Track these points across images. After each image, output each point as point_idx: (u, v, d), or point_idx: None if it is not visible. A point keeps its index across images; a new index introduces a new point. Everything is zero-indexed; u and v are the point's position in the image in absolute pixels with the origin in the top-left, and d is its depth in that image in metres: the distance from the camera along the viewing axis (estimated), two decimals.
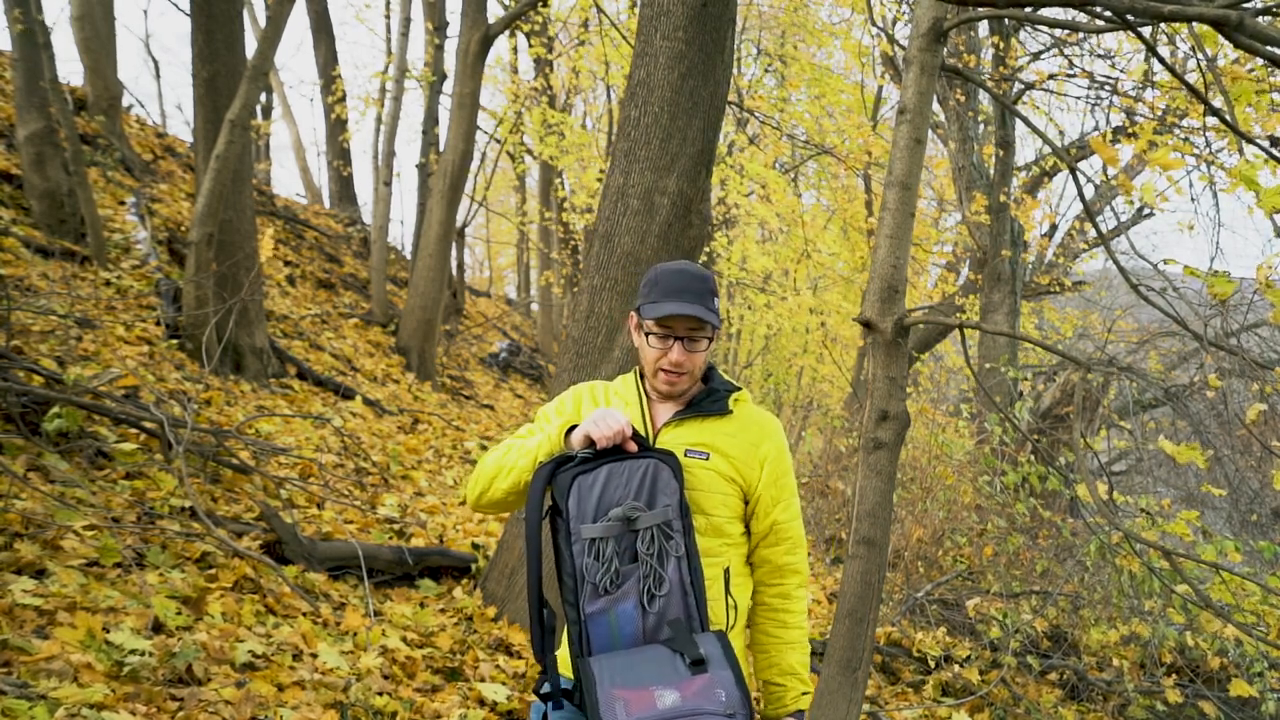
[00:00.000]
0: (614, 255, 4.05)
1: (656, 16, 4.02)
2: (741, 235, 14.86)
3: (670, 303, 1.82)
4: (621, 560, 1.66)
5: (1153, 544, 3.34)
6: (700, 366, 1.89)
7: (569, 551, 1.68)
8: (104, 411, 4.23)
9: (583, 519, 1.67)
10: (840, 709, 3.11)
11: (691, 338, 1.84)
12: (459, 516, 5.79)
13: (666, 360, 1.85)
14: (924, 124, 3.28)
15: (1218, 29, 2.40)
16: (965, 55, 9.22)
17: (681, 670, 1.58)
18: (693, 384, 1.91)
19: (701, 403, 1.89)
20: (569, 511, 1.68)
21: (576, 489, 1.68)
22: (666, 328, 1.84)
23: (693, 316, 1.81)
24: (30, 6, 6.46)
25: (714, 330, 1.87)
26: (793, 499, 1.94)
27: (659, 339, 1.85)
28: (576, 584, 1.67)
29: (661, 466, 1.71)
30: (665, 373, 1.86)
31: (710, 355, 1.95)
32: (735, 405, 1.91)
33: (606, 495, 1.68)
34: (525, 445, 1.84)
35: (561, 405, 1.99)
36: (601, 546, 1.66)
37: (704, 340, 1.86)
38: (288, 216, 12.75)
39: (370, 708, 3.09)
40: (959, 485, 7.27)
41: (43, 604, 2.84)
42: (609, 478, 1.69)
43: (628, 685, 1.55)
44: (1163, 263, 3.91)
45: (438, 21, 11.65)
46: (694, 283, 1.85)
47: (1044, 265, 12.77)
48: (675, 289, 1.84)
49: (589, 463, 1.71)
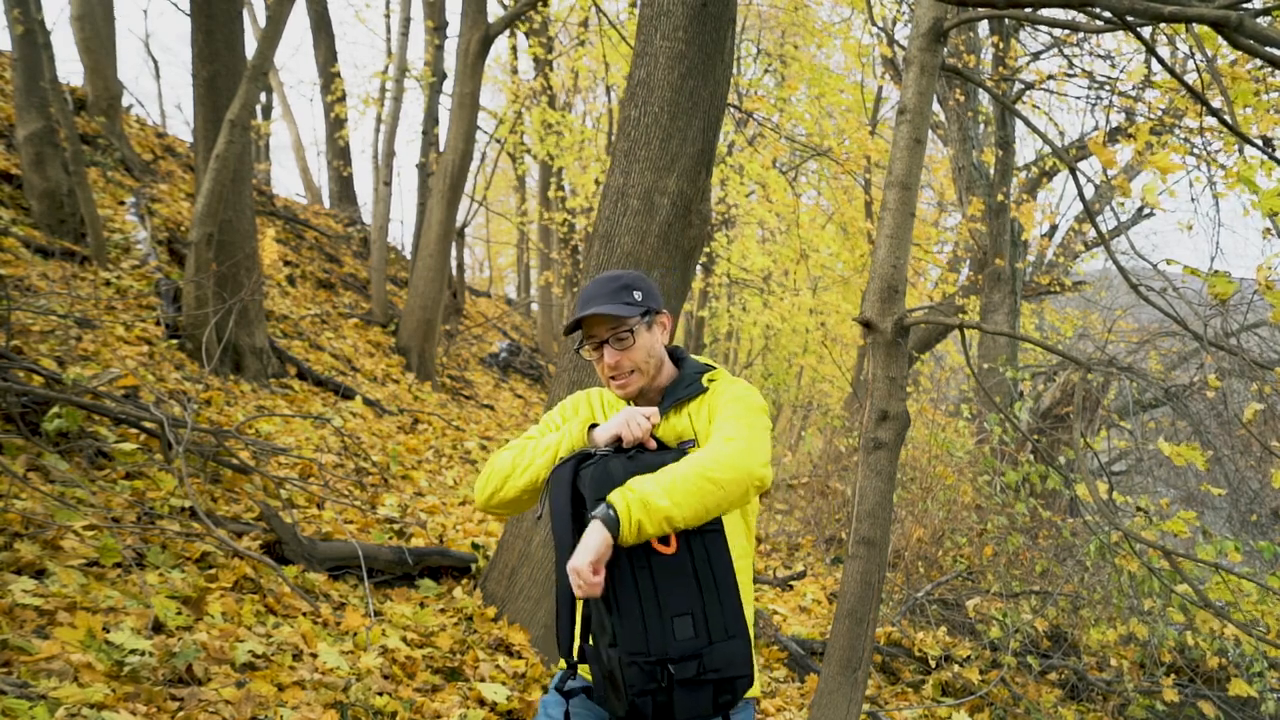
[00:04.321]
0: (614, 255, 4.06)
1: (656, 16, 4.02)
2: (741, 235, 14.86)
3: (579, 312, 1.86)
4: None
5: (1152, 544, 3.34)
6: (644, 362, 1.87)
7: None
8: (104, 411, 4.23)
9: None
10: (840, 709, 3.11)
11: (616, 335, 1.85)
12: (459, 516, 5.79)
13: (604, 366, 1.87)
14: (924, 124, 3.29)
15: (1218, 29, 2.40)
16: (965, 55, 9.23)
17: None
18: (645, 380, 1.90)
19: (676, 391, 1.90)
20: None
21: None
22: (592, 336, 1.87)
23: (601, 316, 1.83)
24: (30, 6, 6.46)
25: (639, 321, 1.86)
26: (733, 417, 1.79)
27: (591, 349, 1.88)
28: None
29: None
30: (611, 379, 1.89)
31: (660, 348, 1.91)
32: (710, 383, 1.91)
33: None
34: (543, 443, 1.84)
35: (564, 411, 2.00)
36: None
37: (628, 334, 1.85)
38: (288, 216, 12.75)
39: (370, 708, 3.10)
40: (959, 485, 7.27)
41: (43, 604, 2.84)
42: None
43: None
44: (1163, 263, 3.92)
45: (438, 21, 11.66)
46: (603, 285, 1.87)
47: (1044, 265, 12.78)
48: (585, 299, 1.88)
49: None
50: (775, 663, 5.17)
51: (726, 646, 1.63)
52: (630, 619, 1.61)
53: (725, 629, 1.64)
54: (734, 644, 1.64)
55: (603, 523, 1.60)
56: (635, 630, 1.60)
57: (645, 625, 1.60)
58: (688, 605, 1.62)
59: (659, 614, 1.61)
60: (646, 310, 1.88)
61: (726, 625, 1.64)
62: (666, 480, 1.63)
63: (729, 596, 1.66)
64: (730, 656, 1.63)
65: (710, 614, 1.63)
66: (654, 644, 1.60)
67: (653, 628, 1.60)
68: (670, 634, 1.60)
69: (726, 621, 1.64)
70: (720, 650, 1.62)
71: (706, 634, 1.62)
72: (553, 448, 1.81)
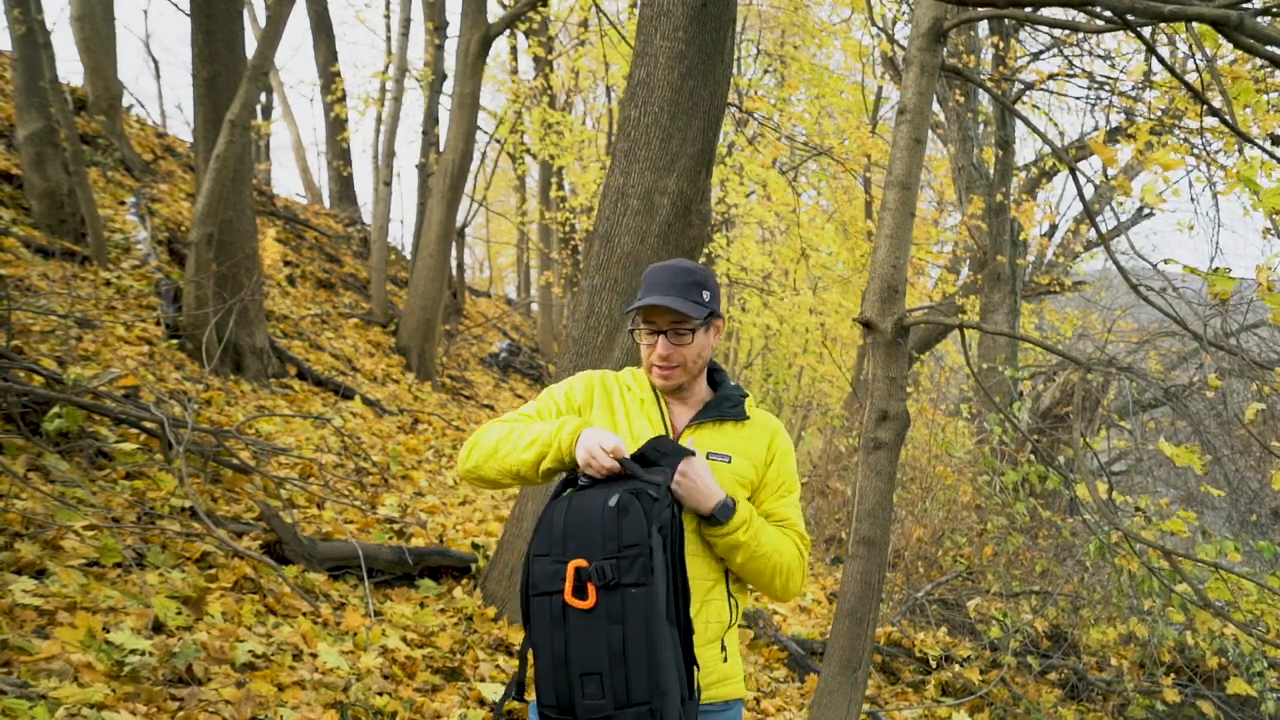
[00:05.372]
0: (614, 255, 4.06)
1: (656, 16, 4.03)
2: (741, 235, 14.86)
3: (648, 296, 1.85)
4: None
5: (1152, 544, 3.34)
6: (692, 360, 1.89)
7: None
8: (104, 411, 4.23)
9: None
10: (840, 709, 3.11)
11: (676, 330, 1.85)
12: (459, 516, 5.79)
13: (654, 354, 1.87)
14: (924, 124, 3.29)
15: (1218, 29, 2.40)
16: (965, 55, 9.23)
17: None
18: (687, 378, 1.91)
19: (720, 407, 1.92)
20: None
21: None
22: (650, 322, 1.87)
23: (669, 309, 1.83)
24: (30, 6, 6.46)
25: (701, 323, 1.87)
26: (794, 495, 1.94)
27: (647, 334, 1.89)
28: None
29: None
30: (656, 367, 1.89)
31: (710, 351, 1.94)
32: (750, 412, 1.95)
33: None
34: (529, 433, 1.79)
35: (570, 393, 1.96)
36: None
37: (689, 333, 1.86)
38: (288, 216, 12.75)
39: (370, 708, 3.10)
40: (959, 485, 7.27)
41: (43, 604, 2.84)
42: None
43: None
44: (1163, 263, 3.91)
45: (438, 21, 11.66)
46: (677, 276, 1.87)
47: (1044, 265, 12.78)
48: (656, 284, 1.87)
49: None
50: (775, 663, 5.17)
51: (636, 713, 1.54)
52: (543, 667, 1.57)
53: (632, 696, 1.54)
54: (643, 711, 1.55)
55: (725, 504, 1.75)
56: (546, 682, 1.57)
57: (554, 678, 1.56)
58: (595, 665, 1.54)
59: (566, 669, 1.56)
60: (710, 313, 1.89)
61: (634, 693, 1.54)
62: (772, 540, 1.82)
63: (642, 662, 1.54)
64: None
65: (615, 679, 1.54)
66: (561, 698, 1.56)
67: (560, 682, 1.56)
68: (580, 691, 1.55)
69: (634, 690, 1.54)
70: (628, 716, 1.54)
71: (613, 699, 1.54)
72: (538, 444, 1.76)
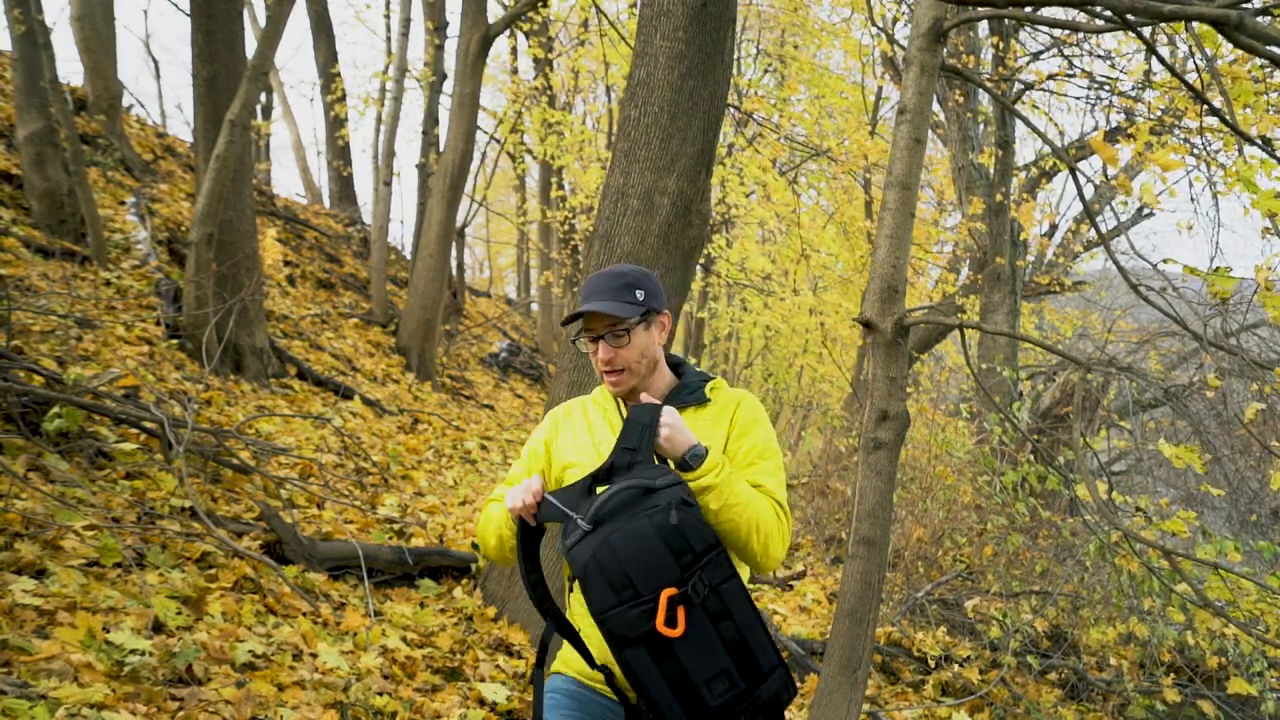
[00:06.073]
0: (614, 255, 4.06)
1: (656, 16, 4.03)
2: (741, 236, 14.86)
3: (580, 306, 1.89)
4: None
5: (1152, 544, 3.34)
6: (636, 361, 1.88)
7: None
8: (104, 411, 4.23)
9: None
10: (840, 709, 3.11)
11: (613, 332, 1.86)
12: (459, 516, 5.79)
13: (598, 361, 1.90)
14: (924, 124, 3.29)
15: (1218, 29, 2.40)
16: (965, 55, 9.23)
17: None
18: (637, 380, 1.90)
19: (679, 395, 1.92)
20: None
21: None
22: (589, 330, 1.89)
23: (601, 314, 1.85)
24: (30, 6, 6.46)
25: (638, 321, 1.88)
26: (770, 462, 1.88)
27: (589, 342, 1.91)
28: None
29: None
30: (604, 374, 1.91)
31: (657, 348, 1.94)
32: (712, 393, 1.94)
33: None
34: (486, 527, 1.96)
35: (535, 444, 2.01)
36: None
37: (625, 334, 1.86)
38: (288, 216, 12.75)
39: (370, 708, 3.10)
40: (959, 485, 7.27)
41: (43, 604, 2.84)
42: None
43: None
44: (1162, 263, 3.91)
45: (438, 21, 11.66)
46: (609, 281, 1.89)
47: (1044, 265, 12.78)
48: (590, 293, 1.90)
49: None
50: None
51: (774, 681, 1.63)
52: (661, 699, 1.58)
53: (764, 667, 1.63)
54: (774, 678, 1.64)
55: (695, 450, 1.71)
56: (670, 707, 1.58)
57: (678, 700, 1.58)
58: (719, 666, 1.60)
59: (688, 684, 1.58)
60: (647, 310, 1.88)
61: (765, 664, 1.63)
62: (746, 491, 1.74)
63: (759, 636, 1.63)
64: (772, 688, 1.63)
65: (743, 666, 1.61)
66: (691, 710, 1.59)
67: (685, 700, 1.58)
68: (709, 694, 1.59)
69: (764, 662, 1.62)
70: (764, 690, 1.63)
71: (745, 683, 1.61)
72: (493, 535, 1.92)
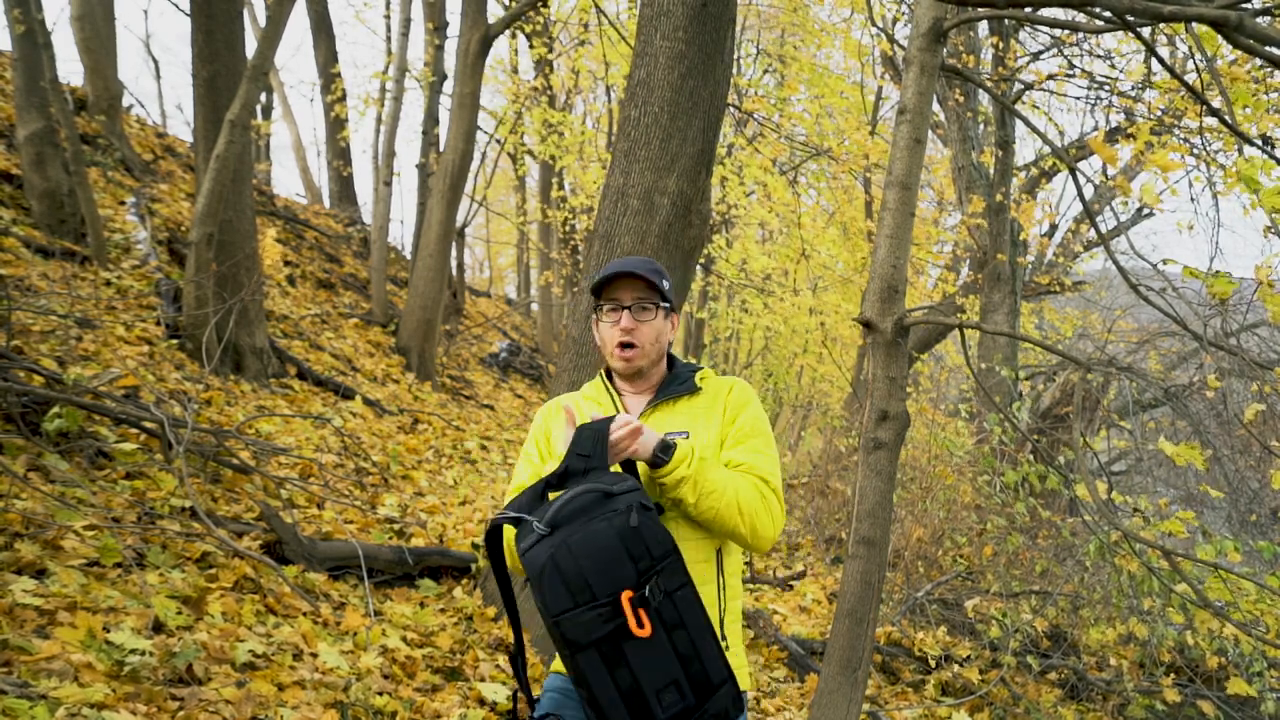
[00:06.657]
0: (614, 255, 4.06)
1: (656, 16, 4.03)
2: (741, 236, 14.86)
3: (614, 269, 1.90)
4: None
5: (1152, 544, 3.35)
6: (650, 343, 1.91)
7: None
8: (104, 411, 4.23)
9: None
10: (840, 709, 3.11)
11: (640, 305, 1.89)
12: (459, 516, 5.79)
13: (618, 330, 1.89)
14: (924, 124, 3.29)
15: (1217, 29, 2.40)
16: (965, 55, 9.23)
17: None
18: (646, 362, 1.93)
19: (670, 387, 1.95)
20: None
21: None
22: (614, 299, 1.91)
23: (636, 277, 1.88)
24: (30, 6, 6.46)
25: (661, 306, 1.91)
26: (757, 440, 1.88)
27: (609, 311, 1.92)
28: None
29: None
30: (618, 347, 1.90)
31: (667, 342, 1.97)
32: (702, 382, 1.97)
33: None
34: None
35: (534, 439, 1.99)
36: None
37: (653, 307, 1.90)
38: (288, 216, 12.75)
39: (370, 708, 3.10)
40: (959, 485, 7.27)
41: (43, 604, 2.84)
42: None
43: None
44: (1162, 263, 3.92)
45: (438, 21, 11.66)
46: (642, 261, 1.94)
47: (1044, 265, 12.78)
48: (621, 263, 1.93)
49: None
50: (775, 663, 5.17)
51: (722, 695, 1.63)
52: (608, 704, 1.57)
53: (713, 680, 1.62)
54: (723, 691, 1.63)
55: (664, 442, 1.72)
56: (618, 712, 1.58)
57: (627, 709, 1.57)
58: (669, 676, 1.59)
59: (640, 695, 1.57)
60: (670, 303, 1.95)
61: (714, 677, 1.62)
62: (721, 475, 1.75)
63: (710, 648, 1.63)
64: (721, 703, 1.63)
65: (694, 677, 1.60)
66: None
67: (635, 709, 1.57)
68: (658, 704, 1.58)
69: (713, 675, 1.62)
70: (713, 704, 1.62)
71: (694, 695, 1.60)
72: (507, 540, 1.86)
